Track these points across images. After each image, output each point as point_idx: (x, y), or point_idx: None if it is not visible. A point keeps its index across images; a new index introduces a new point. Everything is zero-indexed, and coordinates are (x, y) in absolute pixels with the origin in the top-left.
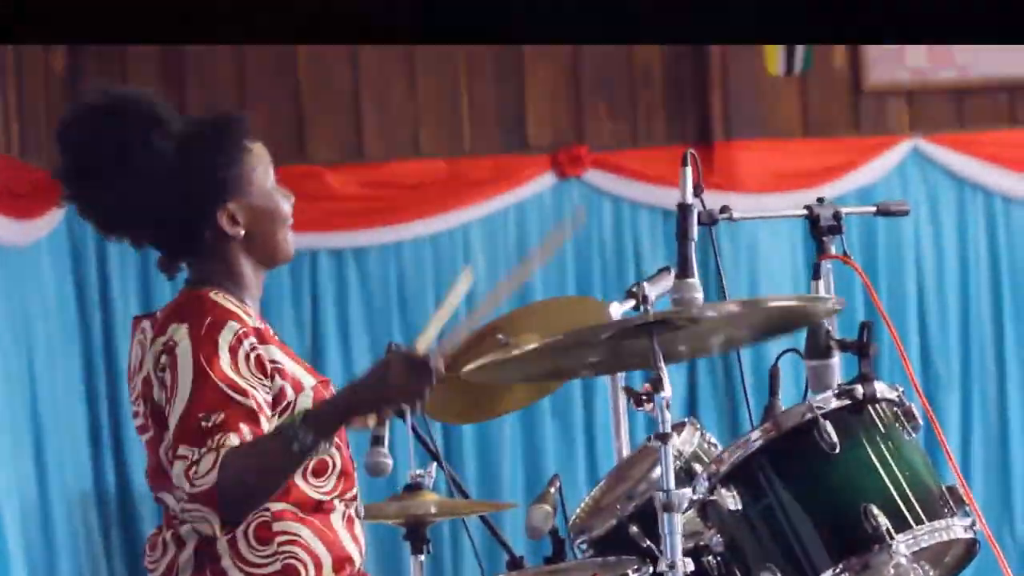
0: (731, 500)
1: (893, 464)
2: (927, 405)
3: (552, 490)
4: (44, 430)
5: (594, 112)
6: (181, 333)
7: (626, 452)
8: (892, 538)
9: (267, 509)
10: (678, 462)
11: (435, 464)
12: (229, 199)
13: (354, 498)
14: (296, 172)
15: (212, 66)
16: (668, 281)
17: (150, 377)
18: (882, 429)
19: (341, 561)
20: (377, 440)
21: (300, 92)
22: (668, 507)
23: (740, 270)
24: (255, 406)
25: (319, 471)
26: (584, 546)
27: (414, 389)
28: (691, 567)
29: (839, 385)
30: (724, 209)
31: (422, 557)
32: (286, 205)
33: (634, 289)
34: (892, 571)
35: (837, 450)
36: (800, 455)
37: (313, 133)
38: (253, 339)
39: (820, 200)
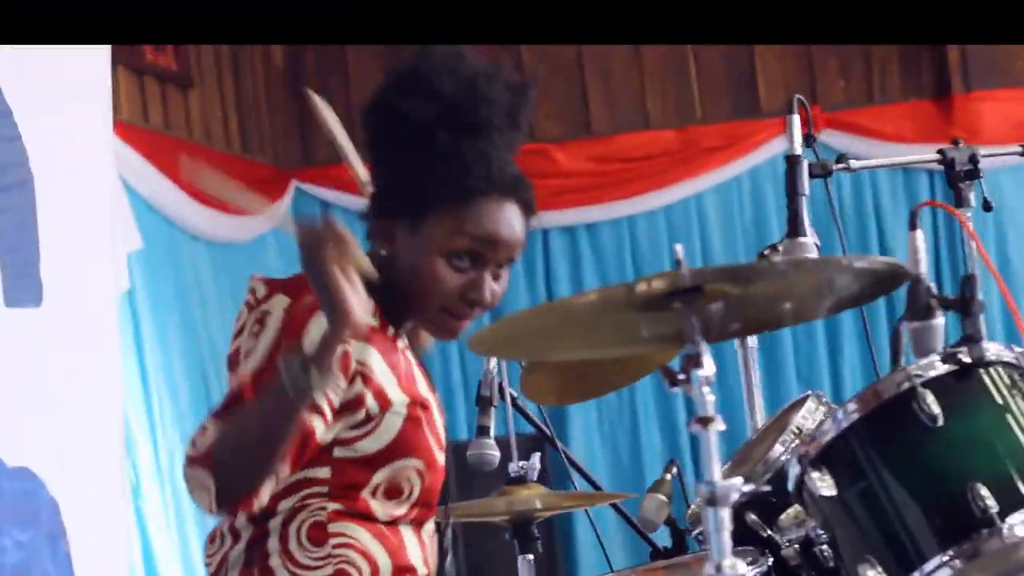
0: (823, 485)
1: (1007, 436)
2: None
3: (668, 477)
4: None
5: (826, 71)
6: (279, 307)
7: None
8: (1002, 520)
9: (323, 508)
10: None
11: (538, 455)
12: (406, 217)
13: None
14: (524, 150)
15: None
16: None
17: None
18: (995, 396)
19: (402, 570)
20: (482, 431)
21: (522, 69)
22: (712, 501)
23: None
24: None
25: (392, 492)
26: (702, 537)
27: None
28: (762, 567)
29: (944, 348)
30: (841, 159)
31: (530, 556)
32: (452, 283)
33: (765, 252)
34: (1013, 561)
35: (939, 422)
36: (898, 429)
37: (539, 110)
38: None
39: (955, 142)
